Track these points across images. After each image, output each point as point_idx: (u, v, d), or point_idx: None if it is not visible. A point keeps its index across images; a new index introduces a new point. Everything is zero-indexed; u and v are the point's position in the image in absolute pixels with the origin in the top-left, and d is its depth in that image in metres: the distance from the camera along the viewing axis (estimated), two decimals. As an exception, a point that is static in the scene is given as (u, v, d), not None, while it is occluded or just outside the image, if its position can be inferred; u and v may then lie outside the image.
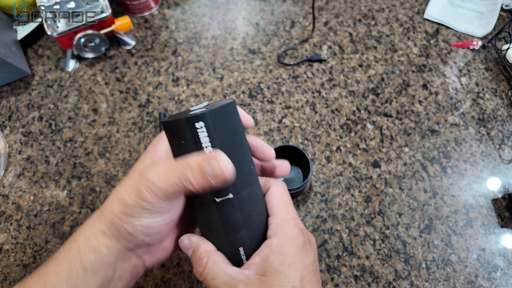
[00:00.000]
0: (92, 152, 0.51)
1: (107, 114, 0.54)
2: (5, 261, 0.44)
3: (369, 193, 0.47)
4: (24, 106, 0.54)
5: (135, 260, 0.27)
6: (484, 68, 0.57)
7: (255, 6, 0.64)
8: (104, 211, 0.26)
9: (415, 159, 0.49)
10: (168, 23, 0.63)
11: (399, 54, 0.59)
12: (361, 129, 0.52)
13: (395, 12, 0.63)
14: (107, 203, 0.26)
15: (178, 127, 0.23)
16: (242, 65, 0.58)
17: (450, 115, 0.53)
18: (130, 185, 0.24)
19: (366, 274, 0.43)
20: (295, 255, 0.24)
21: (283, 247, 0.25)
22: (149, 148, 0.28)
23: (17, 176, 0.49)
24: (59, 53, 0.59)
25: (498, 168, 0.49)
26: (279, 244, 0.25)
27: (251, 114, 0.53)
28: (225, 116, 0.24)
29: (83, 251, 0.25)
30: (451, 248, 0.44)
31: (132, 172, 0.26)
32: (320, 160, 0.49)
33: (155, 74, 0.57)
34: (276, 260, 0.24)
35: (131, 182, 0.24)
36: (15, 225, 0.46)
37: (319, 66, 0.58)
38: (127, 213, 0.24)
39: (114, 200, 0.25)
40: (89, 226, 0.26)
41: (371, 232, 0.45)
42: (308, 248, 0.26)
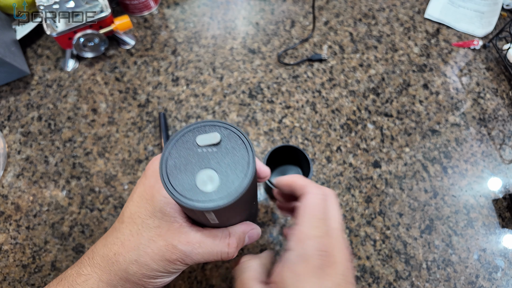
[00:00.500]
0: (91, 152, 0.50)
1: (106, 114, 0.53)
2: (4, 261, 0.43)
3: (369, 193, 0.47)
4: (23, 106, 0.54)
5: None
6: (485, 68, 0.57)
7: (255, 5, 0.64)
8: (113, 267, 0.25)
9: (415, 159, 0.49)
10: (168, 22, 0.62)
11: (400, 53, 0.58)
12: (362, 129, 0.52)
13: (396, 12, 0.63)
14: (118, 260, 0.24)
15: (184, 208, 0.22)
16: (242, 65, 0.57)
17: (450, 115, 0.53)
18: (155, 253, 0.24)
19: (367, 274, 0.42)
20: (311, 276, 0.22)
21: (297, 266, 0.23)
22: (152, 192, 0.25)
23: (16, 176, 0.49)
24: (58, 53, 0.59)
25: (498, 168, 0.49)
26: (293, 261, 0.23)
27: (251, 114, 0.53)
28: (241, 198, 0.21)
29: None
30: (452, 249, 0.44)
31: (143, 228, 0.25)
32: (321, 160, 0.49)
33: (154, 74, 0.57)
34: (290, 279, 0.22)
35: (156, 249, 0.24)
36: (14, 225, 0.46)
37: (319, 65, 0.57)
38: (151, 276, 0.24)
39: (131, 262, 0.24)
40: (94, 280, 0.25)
41: (372, 233, 0.45)
42: (329, 271, 0.23)
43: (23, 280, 0.43)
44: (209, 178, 0.21)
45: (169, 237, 0.24)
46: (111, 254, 0.25)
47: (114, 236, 0.26)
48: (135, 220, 0.25)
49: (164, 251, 0.24)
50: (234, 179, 0.21)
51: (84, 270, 0.25)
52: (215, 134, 0.22)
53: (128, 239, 0.25)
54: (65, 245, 0.44)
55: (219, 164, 0.21)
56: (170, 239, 0.24)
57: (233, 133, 0.22)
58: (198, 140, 0.22)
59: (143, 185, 0.26)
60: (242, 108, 0.53)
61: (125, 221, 0.26)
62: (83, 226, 0.45)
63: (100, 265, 0.25)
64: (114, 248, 0.25)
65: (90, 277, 0.25)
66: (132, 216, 0.25)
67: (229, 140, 0.22)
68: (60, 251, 0.44)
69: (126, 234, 0.25)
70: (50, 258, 0.44)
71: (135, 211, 0.25)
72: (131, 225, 0.25)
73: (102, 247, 0.26)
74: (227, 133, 0.22)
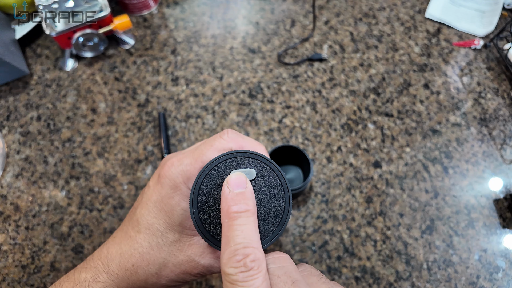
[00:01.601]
0: (90, 152, 0.50)
1: (105, 113, 0.53)
2: (4, 261, 0.43)
3: (370, 194, 0.47)
4: (22, 106, 0.54)
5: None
6: (485, 68, 0.57)
7: (255, 5, 0.64)
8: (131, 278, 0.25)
9: (416, 159, 0.49)
10: (168, 22, 0.62)
11: (400, 53, 0.58)
12: (362, 129, 0.51)
13: (396, 11, 0.63)
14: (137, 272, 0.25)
15: None
16: (242, 65, 0.57)
17: (451, 115, 0.53)
18: (176, 267, 0.24)
19: (367, 275, 0.42)
20: None
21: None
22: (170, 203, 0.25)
23: (16, 177, 0.49)
24: (57, 53, 0.59)
25: (499, 168, 0.48)
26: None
27: (251, 114, 0.53)
28: None
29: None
30: (453, 249, 0.43)
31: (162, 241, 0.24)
32: (321, 160, 0.49)
33: (154, 74, 0.57)
34: None
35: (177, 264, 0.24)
36: (13, 225, 0.45)
37: (319, 65, 0.57)
38: (169, 285, 0.25)
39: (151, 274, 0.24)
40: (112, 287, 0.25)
41: (372, 233, 0.44)
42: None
43: (22, 281, 0.42)
44: None
45: (191, 253, 0.24)
46: (129, 265, 0.25)
47: (130, 246, 0.25)
48: (155, 233, 0.25)
49: (186, 266, 0.24)
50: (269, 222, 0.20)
51: (101, 277, 0.25)
52: (250, 170, 0.20)
53: (148, 252, 0.24)
54: (65, 246, 0.44)
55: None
56: (192, 255, 0.24)
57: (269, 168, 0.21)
58: None
59: (159, 194, 0.25)
60: (242, 108, 0.53)
61: (142, 231, 0.25)
62: (83, 227, 0.45)
63: (117, 274, 0.25)
64: (132, 260, 0.25)
65: (108, 285, 0.25)
66: (150, 227, 0.25)
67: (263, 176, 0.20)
68: (59, 251, 0.44)
69: (145, 246, 0.25)
70: (50, 258, 0.44)
71: (153, 222, 0.25)
72: (149, 237, 0.25)
73: (117, 255, 0.25)
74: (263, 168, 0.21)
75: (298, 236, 0.44)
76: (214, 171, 0.21)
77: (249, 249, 0.18)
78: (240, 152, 0.21)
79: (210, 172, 0.21)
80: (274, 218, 0.20)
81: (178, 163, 0.24)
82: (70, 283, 0.25)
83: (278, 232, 0.20)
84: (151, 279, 0.24)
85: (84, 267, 0.26)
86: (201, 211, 0.20)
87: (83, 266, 0.26)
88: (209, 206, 0.20)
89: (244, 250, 0.18)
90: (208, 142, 0.25)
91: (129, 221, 0.26)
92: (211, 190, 0.20)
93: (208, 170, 0.21)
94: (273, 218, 0.20)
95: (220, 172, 0.21)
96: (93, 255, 0.27)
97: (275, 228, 0.20)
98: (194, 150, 0.25)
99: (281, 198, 0.20)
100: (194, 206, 0.20)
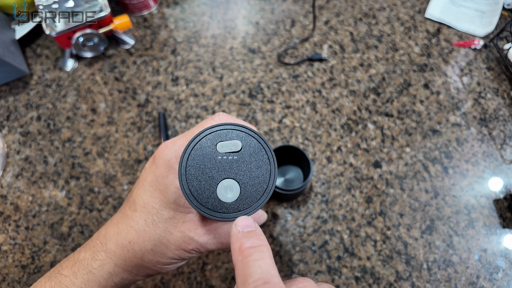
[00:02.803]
0: (90, 152, 0.50)
1: (105, 114, 0.53)
2: (4, 262, 0.43)
3: (370, 194, 0.47)
4: (22, 106, 0.54)
5: None
6: (485, 68, 0.57)
7: (255, 5, 0.64)
8: (128, 255, 0.25)
9: (416, 159, 0.49)
10: (168, 22, 0.62)
11: (400, 53, 0.58)
12: (362, 129, 0.51)
13: (396, 11, 0.63)
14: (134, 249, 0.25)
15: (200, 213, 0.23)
16: (242, 65, 0.57)
17: (451, 115, 0.53)
18: (172, 243, 0.25)
19: (367, 275, 0.42)
20: None
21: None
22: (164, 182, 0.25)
23: (16, 177, 0.49)
24: (57, 53, 0.59)
25: (499, 168, 0.48)
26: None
27: (251, 114, 0.53)
28: None
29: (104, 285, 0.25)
30: (453, 249, 0.43)
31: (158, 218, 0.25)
32: (321, 160, 0.49)
33: (154, 74, 0.57)
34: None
35: (172, 240, 0.25)
36: (13, 225, 0.45)
37: (319, 65, 0.57)
38: (166, 263, 0.25)
39: (147, 251, 0.25)
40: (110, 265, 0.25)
41: (372, 233, 0.44)
42: None
43: (22, 281, 0.42)
44: (229, 188, 0.20)
45: (185, 229, 0.24)
46: (126, 243, 0.25)
47: (127, 224, 0.26)
48: (150, 210, 0.25)
49: (180, 242, 0.24)
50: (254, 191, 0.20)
51: (99, 255, 0.25)
52: (236, 142, 0.21)
53: (144, 229, 0.25)
54: (65, 246, 0.44)
55: (240, 174, 0.20)
56: (186, 231, 0.24)
57: (254, 140, 0.21)
58: (219, 147, 0.21)
59: (154, 175, 0.26)
60: (242, 108, 0.53)
61: (138, 209, 0.26)
62: (83, 227, 0.45)
63: (115, 252, 0.25)
64: (129, 237, 0.25)
65: (106, 262, 0.25)
66: (146, 205, 0.26)
67: (249, 147, 0.21)
68: (59, 251, 0.44)
69: (141, 224, 0.25)
70: (50, 258, 0.44)
71: (148, 201, 0.26)
72: (145, 214, 0.25)
73: (114, 234, 0.26)
74: (248, 139, 0.21)
75: (298, 236, 0.44)
76: (201, 143, 0.21)
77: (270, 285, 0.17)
78: (226, 124, 0.21)
79: (198, 144, 0.21)
80: (260, 186, 0.20)
81: (171, 145, 0.26)
82: (70, 262, 0.26)
83: (264, 199, 0.21)
84: (147, 256, 0.25)
85: (84, 247, 0.27)
86: (190, 180, 0.21)
87: (83, 247, 0.27)
88: (197, 175, 0.21)
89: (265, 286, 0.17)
90: (200, 124, 0.26)
91: (127, 202, 0.27)
92: (198, 161, 0.21)
93: (195, 142, 0.21)
94: (260, 186, 0.20)
95: (207, 143, 0.21)
96: (92, 237, 0.27)
97: (261, 196, 0.21)
98: (187, 132, 0.26)
99: (267, 167, 0.21)
100: (183, 176, 0.21)
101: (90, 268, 0.25)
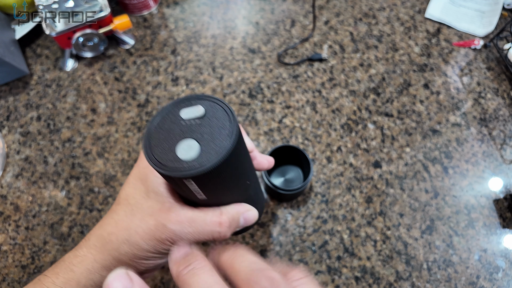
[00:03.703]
0: (90, 152, 0.50)
1: (105, 114, 0.53)
2: (4, 262, 0.43)
3: (370, 194, 0.47)
4: (22, 106, 0.54)
5: None
6: (485, 68, 0.57)
7: (255, 5, 0.64)
8: (107, 247, 0.25)
9: (416, 159, 0.49)
10: (167, 22, 0.62)
11: (400, 53, 0.58)
12: (362, 129, 0.51)
13: (396, 11, 0.63)
14: (111, 240, 0.25)
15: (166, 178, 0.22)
16: (242, 65, 0.57)
17: (451, 115, 0.53)
18: (145, 232, 0.24)
19: (367, 275, 0.42)
20: None
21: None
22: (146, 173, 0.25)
23: (16, 177, 0.49)
24: (57, 53, 0.59)
25: (499, 168, 0.48)
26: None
27: (251, 114, 0.53)
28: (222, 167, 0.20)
29: (84, 284, 0.24)
30: (453, 249, 0.43)
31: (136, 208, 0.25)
32: (321, 160, 0.49)
33: (154, 74, 0.57)
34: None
35: (146, 228, 0.24)
36: (13, 225, 0.45)
37: (319, 65, 0.57)
38: (142, 257, 0.24)
39: (123, 241, 0.24)
40: (89, 260, 0.25)
41: (372, 233, 0.44)
42: None
43: (22, 281, 0.42)
44: (190, 147, 0.20)
45: (159, 217, 0.23)
46: (105, 234, 0.25)
47: (109, 217, 0.26)
48: (130, 201, 0.25)
49: (154, 230, 0.23)
50: (214, 147, 0.20)
51: (80, 252, 0.25)
52: (198, 107, 0.22)
53: (122, 219, 0.25)
54: (65, 246, 0.44)
55: (202, 135, 0.21)
56: (160, 218, 0.23)
57: (218, 106, 0.22)
58: (182, 113, 0.22)
59: (137, 168, 0.26)
60: (242, 108, 0.53)
61: (121, 202, 0.26)
62: (83, 227, 0.45)
63: (95, 246, 0.25)
64: (108, 228, 0.25)
65: (86, 257, 0.25)
66: (127, 197, 0.26)
67: (213, 112, 0.22)
68: (59, 251, 0.44)
69: (121, 214, 0.25)
70: (50, 258, 0.44)
71: (130, 193, 0.26)
72: (125, 206, 0.25)
73: (98, 228, 0.26)
74: (212, 105, 0.22)
75: (298, 236, 0.44)
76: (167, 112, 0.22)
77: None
78: (192, 96, 0.23)
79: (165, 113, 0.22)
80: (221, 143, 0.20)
81: None
82: (56, 263, 0.26)
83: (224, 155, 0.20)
84: (122, 247, 0.24)
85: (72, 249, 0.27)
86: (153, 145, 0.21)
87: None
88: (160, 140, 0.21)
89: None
90: None
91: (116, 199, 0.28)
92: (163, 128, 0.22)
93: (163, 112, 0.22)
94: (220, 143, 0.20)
95: (173, 112, 0.22)
96: None
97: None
98: None
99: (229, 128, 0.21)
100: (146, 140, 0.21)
101: (71, 266, 0.25)
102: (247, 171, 0.24)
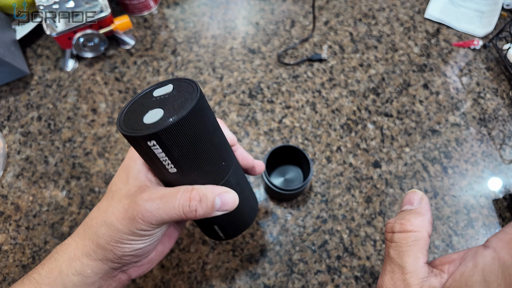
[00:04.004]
0: (91, 152, 0.50)
1: (106, 114, 0.53)
2: (4, 261, 0.43)
3: (369, 194, 0.47)
4: (23, 106, 0.54)
5: (120, 276, 0.27)
6: (485, 68, 0.57)
7: (255, 5, 0.64)
8: (88, 232, 0.25)
9: (416, 159, 0.49)
10: (168, 22, 0.62)
11: (400, 53, 0.58)
12: (362, 129, 0.52)
13: (396, 12, 0.63)
14: (92, 224, 0.25)
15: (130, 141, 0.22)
16: (242, 65, 0.57)
17: (451, 115, 0.53)
18: (120, 211, 0.24)
19: (367, 274, 0.42)
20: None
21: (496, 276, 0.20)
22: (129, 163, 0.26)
23: (16, 176, 0.49)
24: (58, 53, 0.59)
25: (499, 168, 0.49)
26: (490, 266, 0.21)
27: (251, 114, 0.53)
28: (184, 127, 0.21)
29: (66, 273, 0.24)
30: (452, 249, 0.43)
31: (116, 193, 0.25)
32: (321, 160, 0.49)
33: (154, 74, 0.57)
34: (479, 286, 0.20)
35: (121, 208, 0.24)
36: (14, 225, 0.46)
37: (319, 65, 0.57)
38: (117, 239, 0.24)
39: (101, 224, 0.24)
40: (72, 247, 0.25)
41: (372, 233, 0.45)
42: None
43: (22, 281, 0.42)
44: (155, 114, 0.22)
45: (134, 197, 0.24)
46: (89, 220, 0.26)
47: (96, 206, 0.27)
48: (113, 189, 0.26)
49: (127, 208, 0.24)
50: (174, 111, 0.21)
51: (66, 241, 0.26)
52: (168, 85, 0.24)
53: (104, 204, 0.26)
54: (65, 245, 0.44)
55: (167, 105, 0.22)
56: (133, 197, 0.24)
57: (185, 83, 0.24)
58: (154, 92, 0.24)
59: (125, 160, 0.27)
60: (242, 108, 0.53)
61: (107, 193, 0.27)
62: (83, 226, 0.45)
63: (79, 233, 0.26)
64: (92, 214, 0.26)
65: (69, 245, 0.25)
66: (112, 187, 0.26)
67: (180, 88, 0.23)
68: (59, 251, 0.44)
69: (104, 202, 0.26)
70: (50, 258, 0.44)
71: (115, 182, 0.26)
72: (108, 193, 0.26)
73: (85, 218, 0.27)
74: (180, 83, 0.24)
75: (298, 236, 0.44)
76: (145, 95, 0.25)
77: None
78: (166, 80, 0.25)
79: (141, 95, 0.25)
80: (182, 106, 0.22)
81: None
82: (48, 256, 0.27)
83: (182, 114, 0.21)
84: (100, 229, 0.24)
85: None
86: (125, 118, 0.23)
87: None
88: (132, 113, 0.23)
89: None
90: None
91: None
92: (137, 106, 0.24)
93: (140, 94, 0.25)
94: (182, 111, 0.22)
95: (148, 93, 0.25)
96: None
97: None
98: None
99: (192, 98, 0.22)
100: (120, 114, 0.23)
101: (55, 255, 0.25)
102: (217, 147, 0.25)
